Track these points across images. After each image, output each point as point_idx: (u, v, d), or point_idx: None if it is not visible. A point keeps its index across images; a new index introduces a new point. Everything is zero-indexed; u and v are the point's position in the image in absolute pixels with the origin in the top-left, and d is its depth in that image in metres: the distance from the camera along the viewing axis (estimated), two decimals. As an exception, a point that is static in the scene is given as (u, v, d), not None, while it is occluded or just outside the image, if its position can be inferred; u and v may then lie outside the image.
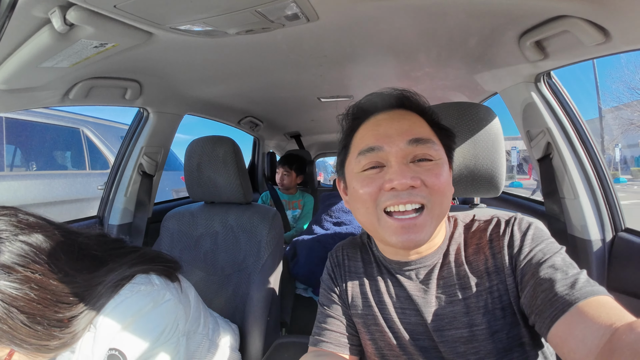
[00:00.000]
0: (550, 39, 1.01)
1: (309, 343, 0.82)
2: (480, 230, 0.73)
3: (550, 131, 1.27)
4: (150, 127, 1.72)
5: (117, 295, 0.77)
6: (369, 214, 0.67)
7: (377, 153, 0.66)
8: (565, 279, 0.58)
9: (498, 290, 0.66)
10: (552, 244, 0.65)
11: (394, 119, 0.69)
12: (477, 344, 0.65)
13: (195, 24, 0.84)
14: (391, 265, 0.76)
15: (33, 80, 1.07)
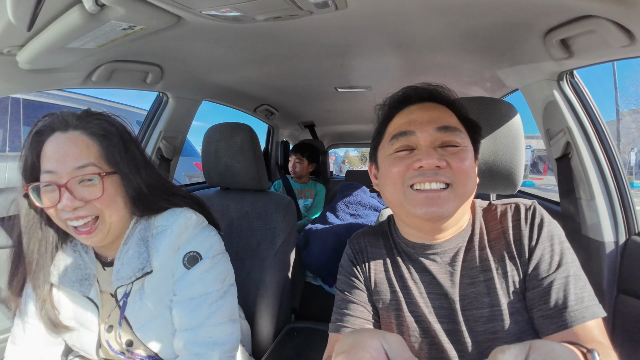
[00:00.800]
0: (576, 38, 1.00)
1: (328, 330, 0.83)
2: (501, 215, 0.77)
3: (571, 130, 1.26)
4: (169, 111, 1.74)
5: (181, 209, 0.94)
6: (396, 189, 0.73)
7: (408, 137, 0.73)
8: (575, 294, 0.65)
9: (514, 275, 0.71)
10: (568, 249, 0.71)
11: (425, 109, 0.76)
12: (495, 323, 0.70)
13: (225, 9, 0.85)
14: (414, 250, 0.79)
15: (57, 60, 1.08)
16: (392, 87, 0.84)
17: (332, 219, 2.18)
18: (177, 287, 0.90)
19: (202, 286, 0.90)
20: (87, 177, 0.80)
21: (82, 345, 0.92)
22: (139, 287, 0.89)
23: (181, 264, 0.89)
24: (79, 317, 0.91)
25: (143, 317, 0.89)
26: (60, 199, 0.77)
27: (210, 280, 0.91)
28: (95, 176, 0.80)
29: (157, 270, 0.88)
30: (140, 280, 0.88)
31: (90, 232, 0.81)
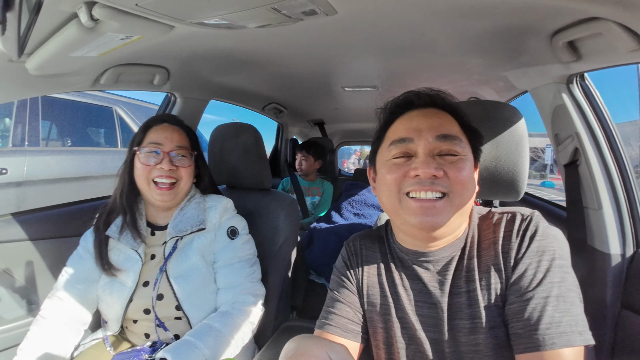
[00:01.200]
0: (583, 41, 0.96)
1: (315, 326, 0.85)
2: (495, 224, 0.74)
3: (579, 136, 1.21)
4: (177, 111, 1.78)
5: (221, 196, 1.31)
6: (392, 196, 0.73)
7: (407, 144, 0.72)
8: (551, 317, 0.61)
9: (497, 288, 0.69)
10: (557, 268, 0.65)
11: (426, 115, 0.75)
12: (477, 335, 0.69)
13: (214, 20, 0.85)
14: (408, 256, 0.78)
15: (64, 67, 1.12)
16: (399, 87, 0.83)
17: (337, 218, 2.19)
18: (222, 253, 1.19)
19: (242, 253, 1.21)
20: (182, 153, 1.17)
21: (113, 303, 1.10)
22: (187, 242, 1.16)
23: (225, 234, 1.20)
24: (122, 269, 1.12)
25: (183, 269, 1.12)
26: (162, 161, 1.12)
27: (247, 249, 1.24)
28: (188, 154, 1.19)
29: (208, 231, 1.18)
30: (189, 237, 1.16)
31: (169, 190, 1.13)
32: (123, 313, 1.11)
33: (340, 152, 4.61)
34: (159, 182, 1.12)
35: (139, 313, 1.12)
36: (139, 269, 1.11)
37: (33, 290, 1.38)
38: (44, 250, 1.40)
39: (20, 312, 1.33)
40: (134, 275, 1.11)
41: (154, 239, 1.19)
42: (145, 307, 1.11)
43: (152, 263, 1.14)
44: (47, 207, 1.51)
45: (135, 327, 1.15)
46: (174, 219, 1.17)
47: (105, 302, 1.14)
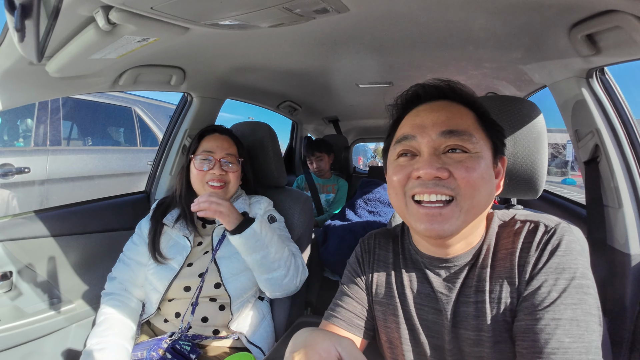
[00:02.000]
0: (602, 34, 0.93)
1: (322, 317, 0.86)
2: (515, 233, 0.69)
3: (600, 132, 1.18)
4: (193, 110, 1.80)
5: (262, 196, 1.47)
6: (398, 199, 0.70)
7: (410, 142, 0.68)
8: (559, 342, 0.56)
9: (508, 302, 0.65)
10: (576, 289, 0.60)
11: (433, 109, 0.70)
12: (481, 349, 0.65)
13: (227, 20, 0.87)
14: (422, 260, 0.76)
15: (84, 69, 1.15)
16: (414, 82, 0.79)
17: (351, 215, 2.19)
18: None
19: (281, 232, 1.36)
20: (230, 160, 1.33)
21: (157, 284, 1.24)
22: None
23: (266, 220, 1.32)
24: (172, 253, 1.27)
25: (228, 251, 1.26)
26: (214, 167, 1.29)
27: (285, 232, 1.40)
28: (235, 160, 1.35)
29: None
30: None
31: (220, 189, 1.29)
32: (164, 292, 1.23)
33: (355, 149, 4.59)
34: (211, 184, 1.29)
35: (179, 291, 1.24)
36: (186, 254, 1.26)
37: (55, 285, 1.43)
38: (65, 246, 1.45)
39: (42, 307, 1.38)
40: (180, 259, 1.25)
41: (204, 230, 1.36)
42: (186, 284, 1.24)
43: (198, 249, 1.30)
44: (68, 205, 1.56)
45: (169, 306, 1.25)
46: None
47: (150, 283, 1.27)
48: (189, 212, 1.30)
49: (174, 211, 1.35)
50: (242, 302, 1.26)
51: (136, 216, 1.63)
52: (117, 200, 1.71)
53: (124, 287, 1.30)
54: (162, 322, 1.25)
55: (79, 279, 1.49)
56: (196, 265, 1.26)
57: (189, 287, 1.24)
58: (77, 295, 1.48)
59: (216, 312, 1.23)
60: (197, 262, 1.27)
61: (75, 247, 1.49)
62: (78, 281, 1.49)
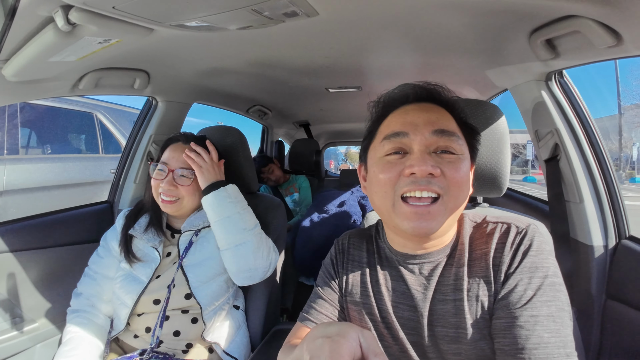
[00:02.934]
0: (561, 38, 0.98)
1: (297, 319, 0.86)
2: (488, 234, 0.72)
3: (559, 132, 1.24)
4: (159, 115, 1.74)
5: None
6: (385, 198, 0.69)
7: (401, 139, 0.68)
8: (540, 337, 0.59)
9: (485, 300, 0.67)
10: (550, 286, 0.63)
11: (422, 109, 0.71)
12: (459, 345, 0.67)
13: (193, 21, 0.84)
14: (396, 257, 0.77)
15: (42, 72, 1.10)
16: (382, 87, 0.80)
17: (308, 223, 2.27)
18: None
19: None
20: (184, 174, 1.23)
21: (125, 298, 1.17)
22: (203, 236, 1.26)
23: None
24: (140, 265, 1.21)
25: (197, 258, 1.22)
26: (164, 179, 1.20)
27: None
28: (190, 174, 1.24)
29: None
30: (205, 231, 1.26)
31: (171, 204, 1.22)
32: (133, 306, 1.16)
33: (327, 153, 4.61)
34: (162, 197, 1.22)
35: (148, 305, 1.17)
36: (155, 266, 1.20)
37: (16, 303, 1.34)
38: (24, 262, 1.36)
39: (3, 327, 1.28)
40: (149, 271, 1.19)
41: (173, 240, 1.30)
42: (156, 297, 1.17)
43: (167, 260, 1.24)
44: (27, 218, 1.46)
45: (138, 321, 1.18)
46: (189, 219, 1.27)
47: (118, 298, 1.20)
48: (156, 218, 1.27)
49: (141, 220, 1.29)
50: (215, 310, 1.20)
51: (99, 227, 1.56)
52: (79, 212, 1.62)
53: (91, 302, 1.23)
54: (132, 338, 1.18)
55: (41, 297, 1.40)
56: (164, 276, 1.20)
57: (158, 300, 1.17)
58: (40, 314, 1.39)
59: (188, 326, 1.17)
60: (165, 273, 1.21)
61: (36, 263, 1.40)
62: (40, 299, 1.40)
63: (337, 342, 0.48)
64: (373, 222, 0.95)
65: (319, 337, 0.51)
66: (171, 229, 1.32)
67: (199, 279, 1.19)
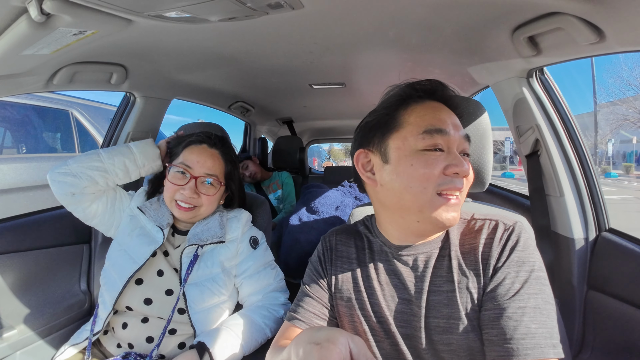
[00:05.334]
0: (543, 35, 0.99)
1: (285, 318, 0.86)
2: (476, 231, 0.74)
3: (540, 128, 1.26)
4: (137, 112, 1.68)
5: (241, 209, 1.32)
6: (424, 193, 0.68)
7: (443, 136, 0.69)
8: (527, 328, 0.61)
9: (475, 293, 0.69)
10: (536, 280, 0.66)
11: (447, 110, 0.74)
12: (450, 335, 0.68)
13: (173, 12, 0.82)
14: (390, 250, 0.78)
15: (15, 67, 1.05)
16: (366, 84, 0.80)
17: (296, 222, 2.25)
18: (247, 263, 1.20)
19: (265, 259, 1.25)
20: (212, 182, 1.16)
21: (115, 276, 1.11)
22: (208, 252, 1.17)
23: (248, 245, 1.23)
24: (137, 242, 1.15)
25: (199, 276, 1.12)
26: (186, 185, 1.12)
27: (268, 255, 1.28)
28: (217, 182, 1.18)
29: (227, 243, 1.19)
30: (210, 247, 1.17)
31: (187, 210, 1.14)
32: (121, 290, 1.07)
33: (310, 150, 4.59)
34: (179, 203, 1.14)
35: (136, 299, 1.09)
36: (154, 247, 1.12)
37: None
38: (1, 266, 1.30)
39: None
40: (147, 250, 1.12)
41: (172, 239, 1.22)
42: (148, 296, 1.10)
43: (167, 258, 1.17)
44: (2, 220, 1.40)
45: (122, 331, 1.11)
46: (195, 227, 1.19)
47: (108, 278, 1.15)
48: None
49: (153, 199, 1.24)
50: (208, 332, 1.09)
51: (77, 230, 1.50)
52: (55, 213, 1.55)
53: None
54: (115, 347, 1.12)
55: (18, 302, 1.34)
56: (166, 277, 1.12)
57: (150, 299, 1.09)
58: (18, 320, 1.32)
59: (175, 351, 1.09)
60: (167, 273, 1.13)
61: (11, 267, 1.33)
62: (18, 304, 1.33)
63: (326, 348, 0.49)
64: (359, 218, 0.95)
65: (308, 343, 0.51)
66: (175, 228, 1.24)
67: (197, 301, 1.09)
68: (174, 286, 1.11)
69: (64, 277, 1.49)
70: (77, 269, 1.55)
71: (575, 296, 1.19)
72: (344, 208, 2.30)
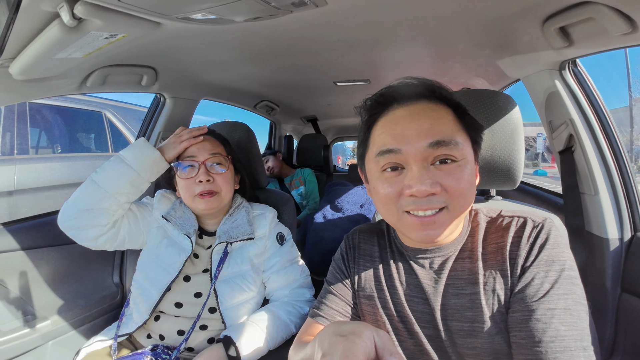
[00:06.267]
0: (574, 26, 0.95)
1: (308, 315, 0.87)
2: (503, 229, 0.70)
3: (573, 123, 1.21)
4: (167, 112, 1.74)
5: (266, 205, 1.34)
6: (390, 213, 0.68)
7: (395, 155, 0.64)
8: (556, 330, 0.58)
9: (502, 294, 0.66)
10: (566, 279, 0.62)
11: (413, 116, 0.66)
12: (474, 339, 0.66)
13: (200, 13, 0.83)
14: (407, 252, 0.77)
15: (49, 70, 1.10)
16: (391, 80, 0.75)
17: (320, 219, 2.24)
18: (274, 259, 1.24)
19: (291, 255, 1.29)
20: (217, 160, 1.17)
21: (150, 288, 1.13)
22: (237, 248, 1.20)
23: (275, 241, 1.26)
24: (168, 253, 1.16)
25: (229, 273, 1.15)
26: (198, 171, 1.13)
27: (294, 251, 1.32)
28: (223, 159, 1.19)
29: (256, 240, 1.22)
30: (239, 244, 1.20)
31: (211, 197, 1.14)
32: (157, 301, 1.10)
33: (334, 148, 4.59)
34: (200, 194, 1.14)
35: (169, 305, 1.13)
36: (185, 257, 1.13)
37: (28, 301, 1.35)
38: (36, 260, 1.37)
39: (15, 325, 1.29)
40: (178, 261, 1.13)
41: (200, 241, 1.24)
42: (178, 300, 1.13)
43: (195, 261, 1.20)
44: (38, 216, 1.48)
45: (154, 324, 1.15)
46: (222, 224, 1.21)
47: (141, 289, 1.16)
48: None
49: (175, 204, 1.24)
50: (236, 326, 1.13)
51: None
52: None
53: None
54: (145, 337, 1.16)
55: (53, 294, 1.41)
56: (194, 281, 1.15)
57: (180, 304, 1.13)
58: (52, 311, 1.40)
59: (204, 345, 1.12)
60: (194, 278, 1.16)
61: (48, 261, 1.41)
62: (52, 296, 1.41)
63: (351, 341, 0.48)
64: None
65: (333, 335, 0.51)
66: (202, 230, 1.26)
67: (228, 297, 1.12)
68: (203, 289, 1.15)
69: (97, 270, 1.56)
70: (110, 262, 1.62)
71: (607, 299, 1.14)
72: (368, 206, 2.28)
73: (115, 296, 1.59)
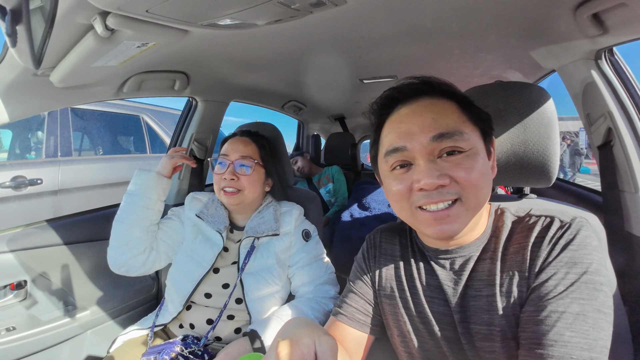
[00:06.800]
0: (607, 12, 0.90)
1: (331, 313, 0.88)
2: (528, 229, 0.67)
3: (612, 115, 1.13)
4: (199, 114, 1.81)
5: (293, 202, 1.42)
6: (404, 210, 0.68)
7: (402, 152, 0.66)
8: (560, 335, 0.55)
9: (518, 297, 0.63)
10: (587, 284, 0.57)
11: (416, 112, 0.67)
12: (492, 343, 0.64)
13: (223, 20, 0.86)
14: (428, 253, 0.76)
15: (87, 78, 1.17)
16: (418, 75, 0.75)
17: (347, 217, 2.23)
18: (299, 255, 1.29)
19: (316, 252, 1.33)
20: (245, 162, 1.26)
21: (183, 281, 1.22)
22: (264, 243, 1.27)
23: (301, 237, 1.31)
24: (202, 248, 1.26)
25: (255, 267, 1.23)
26: (226, 170, 1.24)
27: (319, 248, 1.36)
28: (250, 161, 1.27)
29: (282, 236, 1.28)
30: (266, 239, 1.27)
31: (233, 195, 1.24)
32: (190, 293, 1.20)
33: (363, 146, 4.55)
34: (225, 189, 1.25)
35: (200, 296, 1.22)
36: (217, 251, 1.24)
37: (69, 292, 1.45)
38: (77, 254, 1.47)
39: (56, 314, 1.40)
40: (211, 255, 1.23)
41: (231, 235, 1.33)
42: (207, 291, 1.22)
43: (224, 254, 1.28)
44: (80, 213, 1.58)
45: (186, 314, 1.23)
46: (251, 221, 1.30)
47: (175, 282, 1.25)
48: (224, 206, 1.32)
49: (208, 203, 1.36)
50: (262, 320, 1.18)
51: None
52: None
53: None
54: (178, 327, 1.24)
55: (92, 286, 1.51)
56: (222, 273, 1.24)
57: (209, 294, 1.21)
58: (91, 302, 1.50)
59: (231, 335, 1.20)
60: (223, 270, 1.25)
61: (88, 254, 1.51)
62: (92, 287, 1.51)
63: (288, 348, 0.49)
64: None
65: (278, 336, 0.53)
66: (232, 225, 1.35)
67: (254, 289, 1.19)
68: (230, 280, 1.22)
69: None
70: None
71: None
72: None
73: (151, 289, 1.68)
